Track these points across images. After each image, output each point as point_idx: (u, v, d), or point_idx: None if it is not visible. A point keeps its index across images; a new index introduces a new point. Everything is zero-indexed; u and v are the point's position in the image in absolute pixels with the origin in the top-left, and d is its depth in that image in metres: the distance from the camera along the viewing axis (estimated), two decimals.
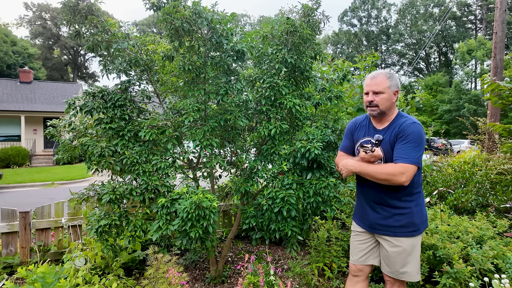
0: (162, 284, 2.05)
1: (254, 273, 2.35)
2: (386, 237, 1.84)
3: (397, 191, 1.79)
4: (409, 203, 1.80)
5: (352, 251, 2.03)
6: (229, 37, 2.64)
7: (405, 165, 1.67)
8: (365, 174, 1.77)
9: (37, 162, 17.14)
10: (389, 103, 1.82)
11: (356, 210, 2.07)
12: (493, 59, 8.54)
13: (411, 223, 1.78)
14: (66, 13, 2.54)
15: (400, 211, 1.79)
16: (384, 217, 1.82)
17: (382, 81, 1.81)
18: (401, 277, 1.81)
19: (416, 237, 1.80)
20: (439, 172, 4.81)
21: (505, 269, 2.34)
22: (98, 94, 2.64)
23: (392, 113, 1.86)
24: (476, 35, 36.35)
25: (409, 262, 1.79)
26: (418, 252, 1.83)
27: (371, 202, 1.89)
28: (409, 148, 1.70)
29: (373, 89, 1.81)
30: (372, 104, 1.82)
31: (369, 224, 1.91)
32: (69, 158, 3.28)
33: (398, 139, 1.75)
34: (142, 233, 2.50)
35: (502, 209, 3.62)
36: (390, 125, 1.83)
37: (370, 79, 1.85)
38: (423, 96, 3.89)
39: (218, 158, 2.60)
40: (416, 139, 1.71)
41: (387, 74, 1.84)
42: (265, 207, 2.49)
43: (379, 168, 1.72)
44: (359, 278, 1.98)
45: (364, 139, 1.91)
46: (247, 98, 2.83)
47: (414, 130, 1.73)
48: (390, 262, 1.83)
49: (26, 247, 3.20)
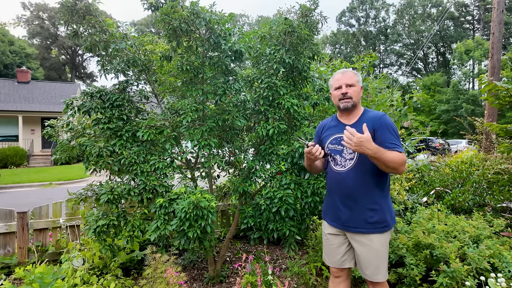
0: (160, 284, 2.05)
1: (252, 272, 2.36)
2: (359, 236, 1.86)
3: (372, 187, 1.84)
4: (381, 199, 1.85)
5: (328, 253, 2.03)
6: (227, 38, 2.65)
7: (404, 155, 1.75)
8: (381, 159, 1.70)
9: (35, 162, 17.08)
10: (359, 96, 1.93)
11: (326, 209, 2.05)
12: (491, 60, 8.58)
13: (383, 219, 1.83)
14: (64, 13, 2.54)
15: (373, 206, 1.83)
16: (358, 214, 1.85)
17: (352, 76, 1.92)
18: (375, 279, 1.84)
19: (386, 233, 1.85)
20: (436, 172, 4.84)
21: (501, 268, 2.35)
22: (96, 94, 2.64)
23: (359, 108, 1.96)
24: (474, 35, 36.46)
25: (381, 263, 1.84)
26: (387, 252, 1.88)
27: (345, 199, 1.89)
28: (397, 138, 1.81)
29: (346, 81, 1.90)
30: (347, 96, 1.89)
31: (342, 223, 1.91)
32: (67, 158, 3.27)
33: (379, 129, 1.80)
34: (140, 233, 2.50)
35: (499, 209, 3.64)
36: (360, 119, 1.90)
37: (341, 74, 1.94)
38: (421, 96, 3.90)
39: (216, 158, 2.61)
40: (397, 130, 1.84)
41: (354, 71, 1.96)
42: (263, 207, 2.50)
43: (394, 156, 1.71)
44: (340, 278, 2.01)
45: (335, 136, 1.96)
46: (245, 98, 2.84)
47: (391, 122, 1.85)
48: (363, 264, 1.86)
49: (24, 248, 3.20)
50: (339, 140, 1.91)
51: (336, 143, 1.94)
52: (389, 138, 1.78)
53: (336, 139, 1.94)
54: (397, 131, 1.83)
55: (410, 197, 4.06)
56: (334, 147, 1.94)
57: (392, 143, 1.76)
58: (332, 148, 1.96)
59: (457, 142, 20.01)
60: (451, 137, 26.62)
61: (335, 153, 1.93)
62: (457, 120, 8.20)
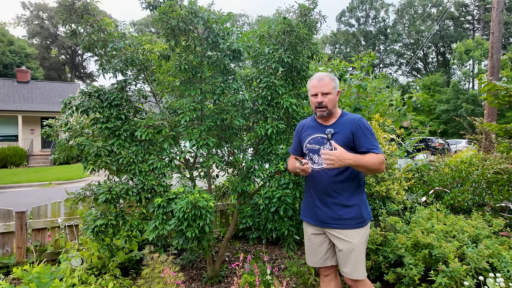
0: (158, 284, 2.05)
1: (250, 272, 2.36)
2: (337, 232, 1.91)
3: (347, 184, 1.91)
4: (356, 195, 1.93)
5: (310, 254, 2.10)
6: (226, 37, 2.64)
7: (381, 154, 1.85)
8: (361, 165, 1.80)
9: (35, 162, 17.08)
10: (335, 102, 1.98)
11: (305, 208, 2.12)
12: (490, 59, 8.58)
13: (359, 215, 1.90)
14: (62, 13, 2.53)
15: (349, 203, 1.90)
16: (335, 210, 1.91)
17: (328, 83, 1.95)
18: (354, 276, 1.88)
19: (363, 228, 1.91)
20: (436, 171, 4.83)
21: (500, 268, 2.35)
22: (94, 93, 2.63)
23: (336, 112, 2.02)
24: (474, 35, 36.46)
25: (359, 259, 1.89)
26: (365, 249, 1.95)
27: (324, 197, 1.95)
28: (375, 140, 1.89)
29: (322, 90, 1.93)
30: (322, 105, 1.94)
31: (320, 220, 1.97)
32: (66, 158, 3.26)
33: (358, 133, 1.88)
34: (138, 233, 2.50)
35: (498, 208, 3.63)
36: (337, 121, 1.98)
37: (317, 81, 1.96)
38: (420, 95, 3.90)
39: (215, 158, 2.60)
40: (373, 132, 1.93)
41: (331, 76, 1.99)
42: (262, 207, 2.49)
43: (371, 159, 1.82)
44: (330, 276, 2.08)
45: (313, 136, 2.02)
46: (244, 97, 2.83)
47: (368, 125, 1.93)
48: (342, 261, 1.92)
49: (22, 247, 3.19)
50: (317, 139, 2.00)
51: (314, 142, 2.01)
52: (367, 141, 1.87)
53: (314, 139, 2.01)
54: (373, 132, 1.93)
55: (409, 196, 4.06)
56: (312, 146, 2.02)
57: (371, 145, 1.86)
58: (310, 148, 2.03)
59: (456, 142, 20.01)
60: (451, 137, 26.63)
61: (313, 153, 2.01)
62: (457, 120, 8.20)
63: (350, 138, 1.89)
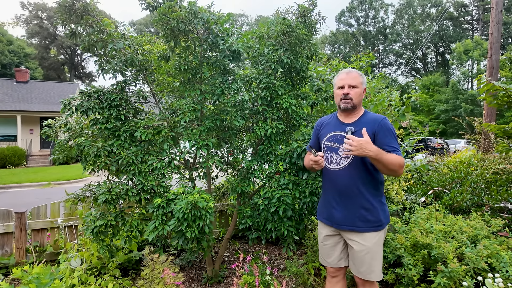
0: (158, 285, 2.05)
1: (250, 273, 2.36)
2: (353, 235, 1.87)
3: (366, 186, 1.85)
4: (375, 198, 1.87)
5: (324, 254, 2.05)
6: (225, 38, 2.64)
7: (403, 158, 1.78)
8: (381, 161, 1.73)
9: (34, 162, 17.05)
10: (360, 98, 1.93)
11: (321, 208, 2.07)
12: (489, 60, 8.60)
13: (377, 218, 1.84)
14: (62, 13, 2.53)
15: (367, 205, 1.84)
16: (352, 213, 1.86)
17: (356, 76, 1.92)
18: (369, 277, 1.85)
19: (380, 232, 1.86)
20: (435, 172, 4.84)
21: (499, 268, 2.36)
22: (93, 94, 2.63)
23: (360, 109, 1.97)
24: (473, 35, 36.53)
25: (375, 262, 1.84)
26: (381, 251, 1.90)
27: (340, 199, 1.90)
28: (396, 143, 1.83)
29: (349, 82, 1.90)
30: (348, 96, 1.90)
31: (336, 221, 1.92)
32: (66, 158, 3.27)
33: (379, 134, 1.83)
34: (138, 234, 2.50)
35: (497, 209, 3.64)
36: (359, 119, 1.92)
37: (345, 74, 1.94)
38: (419, 95, 3.91)
39: (215, 158, 2.60)
40: (395, 134, 1.87)
41: (359, 72, 1.96)
42: (261, 207, 2.50)
43: (393, 159, 1.75)
44: (338, 278, 2.03)
45: (332, 134, 1.97)
46: (243, 98, 2.83)
47: (391, 126, 1.87)
48: (358, 263, 1.87)
49: (21, 248, 3.19)
50: (336, 137, 1.93)
51: (333, 140, 1.94)
52: (389, 142, 1.81)
53: (333, 137, 1.95)
54: (395, 134, 1.86)
55: (408, 197, 4.07)
56: (331, 144, 1.95)
57: (392, 146, 1.79)
58: (328, 145, 1.97)
59: (455, 142, 20.04)
60: (450, 137, 26.67)
61: (331, 151, 1.94)
62: (456, 120, 8.21)
63: (370, 138, 1.79)
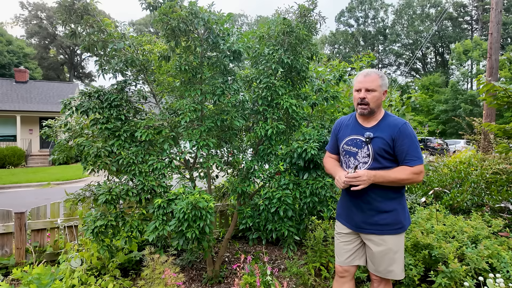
0: (158, 285, 2.04)
1: (250, 273, 2.36)
2: (372, 236, 1.84)
3: (385, 190, 1.81)
4: (395, 201, 1.82)
5: (338, 252, 2.02)
6: (226, 38, 2.64)
7: (421, 165, 1.73)
8: (389, 181, 1.75)
9: (33, 162, 17.02)
10: (379, 102, 1.85)
11: (340, 210, 2.04)
12: (489, 60, 8.60)
13: (397, 221, 1.81)
14: (62, 13, 2.52)
15: (386, 209, 1.81)
16: (371, 216, 1.83)
17: (375, 79, 1.82)
18: (388, 276, 1.83)
19: (400, 234, 1.83)
20: (435, 172, 4.84)
21: (500, 268, 2.36)
22: (94, 94, 2.63)
23: (379, 112, 1.89)
24: (472, 35, 36.57)
25: (394, 261, 1.82)
26: (402, 251, 1.86)
27: (358, 202, 1.87)
28: (415, 149, 1.76)
29: (366, 86, 1.82)
30: (364, 101, 1.82)
31: (355, 224, 1.90)
32: (65, 159, 3.26)
33: (398, 141, 1.77)
34: (138, 234, 2.50)
35: (497, 209, 3.64)
36: (379, 124, 1.85)
37: (363, 76, 1.85)
38: (419, 96, 3.91)
39: (215, 159, 2.60)
40: (416, 139, 1.79)
41: (379, 73, 1.86)
42: (262, 207, 2.49)
43: (400, 172, 1.74)
44: (345, 278, 2.00)
45: (351, 137, 1.91)
46: (244, 98, 2.83)
47: (412, 131, 1.79)
48: (376, 262, 1.85)
49: (21, 248, 3.18)
50: (355, 142, 1.88)
51: (352, 144, 1.89)
52: (407, 150, 1.76)
53: (352, 141, 1.90)
54: (415, 140, 1.78)
55: (409, 197, 4.07)
56: (349, 148, 1.90)
57: (410, 155, 1.75)
58: (347, 150, 1.92)
59: (455, 142, 20.07)
60: (450, 137, 26.71)
61: (350, 155, 1.90)
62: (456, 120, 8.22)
63: (389, 145, 1.77)
